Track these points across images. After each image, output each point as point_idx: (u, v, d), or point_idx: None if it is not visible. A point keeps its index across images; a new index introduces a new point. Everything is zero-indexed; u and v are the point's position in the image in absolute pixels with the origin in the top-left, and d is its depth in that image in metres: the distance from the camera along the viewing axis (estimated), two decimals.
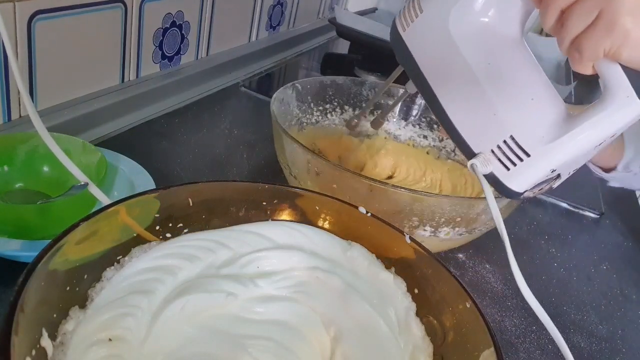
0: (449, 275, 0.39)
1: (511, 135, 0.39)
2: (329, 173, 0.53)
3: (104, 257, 0.37)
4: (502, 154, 0.39)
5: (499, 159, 0.40)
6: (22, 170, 0.53)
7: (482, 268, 0.62)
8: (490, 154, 0.40)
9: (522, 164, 0.39)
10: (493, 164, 0.40)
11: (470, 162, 0.41)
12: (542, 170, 0.39)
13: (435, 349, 0.38)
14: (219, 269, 0.41)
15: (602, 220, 0.80)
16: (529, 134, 0.39)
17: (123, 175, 0.56)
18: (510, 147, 0.39)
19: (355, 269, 0.43)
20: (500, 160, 0.40)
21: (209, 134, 0.78)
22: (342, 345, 0.38)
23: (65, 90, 0.70)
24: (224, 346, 0.36)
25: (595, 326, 0.57)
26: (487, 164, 0.40)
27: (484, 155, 0.40)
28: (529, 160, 0.39)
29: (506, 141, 0.39)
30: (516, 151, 0.39)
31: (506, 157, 0.39)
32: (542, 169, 0.39)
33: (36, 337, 0.30)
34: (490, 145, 0.40)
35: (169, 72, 0.87)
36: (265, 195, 0.45)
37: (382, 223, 0.43)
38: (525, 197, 0.42)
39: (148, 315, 0.36)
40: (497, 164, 0.40)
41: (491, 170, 0.40)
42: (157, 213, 0.40)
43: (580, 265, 0.67)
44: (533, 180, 0.40)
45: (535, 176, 0.39)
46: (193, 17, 0.89)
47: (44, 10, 0.62)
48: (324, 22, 1.36)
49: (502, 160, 0.40)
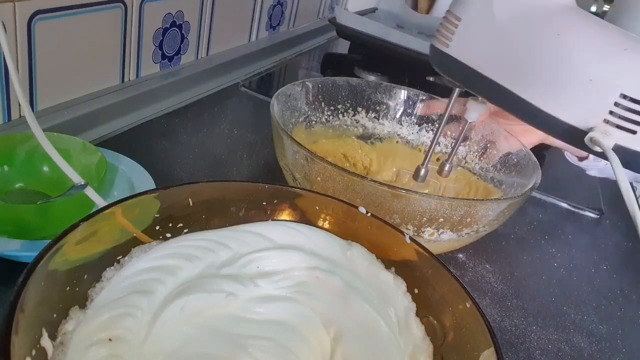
0: (449, 275, 0.39)
1: (621, 93, 0.34)
2: (325, 172, 0.53)
3: (104, 257, 0.37)
4: (620, 118, 0.34)
5: (617, 126, 0.35)
6: (22, 170, 0.53)
7: (482, 268, 0.62)
8: (605, 124, 0.35)
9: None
10: (614, 135, 0.35)
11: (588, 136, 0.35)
12: None
13: (435, 349, 0.38)
14: (219, 269, 0.41)
15: (602, 220, 0.80)
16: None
17: (123, 175, 0.56)
18: (627, 107, 0.34)
19: (355, 269, 0.43)
20: (620, 126, 0.35)
21: (209, 134, 0.78)
22: (342, 345, 0.38)
23: (65, 90, 0.70)
24: (224, 346, 0.36)
25: (595, 326, 0.57)
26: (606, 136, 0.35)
27: (599, 127, 0.35)
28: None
29: (618, 102, 0.34)
30: (635, 108, 0.34)
31: (626, 120, 0.34)
32: None
33: (36, 337, 0.30)
34: (601, 115, 0.35)
35: (169, 72, 0.87)
36: (265, 195, 0.45)
37: (382, 223, 0.43)
38: None
39: (148, 315, 0.36)
40: (618, 133, 0.34)
41: (614, 142, 0.35)
42: (157, 213, 0.40)
43: (580, 265, 0.67)
44: None
45: None
46: (193, 17, 0.89)
47: (44, 10, 0.62)
48: (324, 22, 1.36)
49: (622, 125, 0.34)
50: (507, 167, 0.68)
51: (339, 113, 0.75)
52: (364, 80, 0.76)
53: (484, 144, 0.71)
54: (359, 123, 0.76)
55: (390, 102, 0.76)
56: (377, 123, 0.76)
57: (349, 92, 0.74)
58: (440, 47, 0.41)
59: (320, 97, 0.72)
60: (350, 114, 0.75)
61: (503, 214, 0.55)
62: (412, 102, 0.75)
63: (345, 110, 0.75)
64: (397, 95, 0.76)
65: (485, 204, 0.53)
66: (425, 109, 0.75)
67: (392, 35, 1.05)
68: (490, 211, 0.53)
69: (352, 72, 1.12)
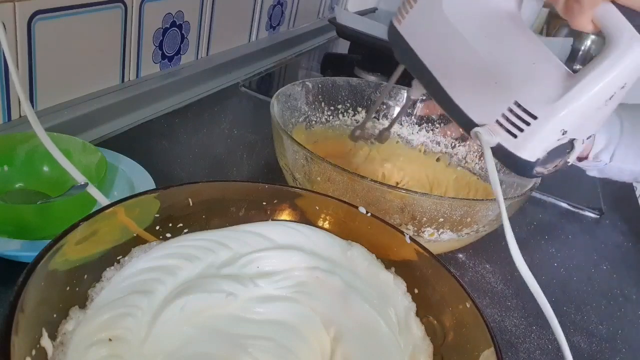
0: (449, 275, 0.39)
1: (515, 100, 0.37)
2: (325, 172, 0.53)
3: (104, 257, 0.37)
4: (508, 122, 0.38)
5: (505, 129, 0.38)
6: (22, 170, 0.53)
7: (482, 268, 0.62)
8: (496, 124, 0.38)
9: (529, 128, 0.37)
10: (500, 135, 0.38)
11: (474, 130, 0.39)
12: (552, 131, 0.37)
13: (435, 349, 0.38)
14: (219, 269, 0.41)
15: (602, 220, 0.80)
16: (534, 96, 0.37)
17: (123, 175, 0.56)
18: (516, 114, 0.37)
19: (355, 269, 0.43)
20: (507, 129, 0.38)
21: (209, 134, 0.78)
22: (342, 345, 0.38)
23: (65, 90, 0.70)
24: (224, 346, 0.36)
25: (595, 326, 0.57)
26: (493, 134, 0.38)
27: (490, 126, 0.39)
28: (537, 122, 0.37)
29: (511, 108, 0.38)
30: (522, 116, 0.37)
31: (512, 125, 0.38)
32: (551, 130, 0.37)
33: (36, 337, 0.30)
34: (494, 116, 0.38)
35: (169, 72, 0.87)
36: (265, 195, 0.45)
37: (382, 223, 0.43)
38: (539, 174, 0.40)
39: (148, 315, 0.36)
40: (503, 134, 0.38)
41: (498, 141, 0.38)
42: (157, 213, 0.40)
43: (580, 265, 0.67)
44: (544, 145, 0.38)
45: (545, 140, 0.37)
46: (193, 17, 0.89)
47: (44, 10, 0.62)
48: (324, 22, 1.36)
49: (508, 129, 0.38)
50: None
51: (339, 113, 0.75)
52: (364, 80, 0.76)
53: None
54: (358, 123, 0.76)
55: (390, 102, 0.76)
56: (377, 123, 0.76)
57: (349, 92, 0.74)
58: (395, 22, 0.45)
59: (320, 97, 0.72)
60: (350, 114, 0.75)
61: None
62: (412, 102, 0.75)
63: (345, 110, 0.75)
64: (396, 96, 0.76)
65: (485, 204, 0.53)
66: (425, 109, 0.75)
67: None
68: (490, 211, 0.53)
69: (352, 72, 1.12)
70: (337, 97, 0.74)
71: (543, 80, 0.38)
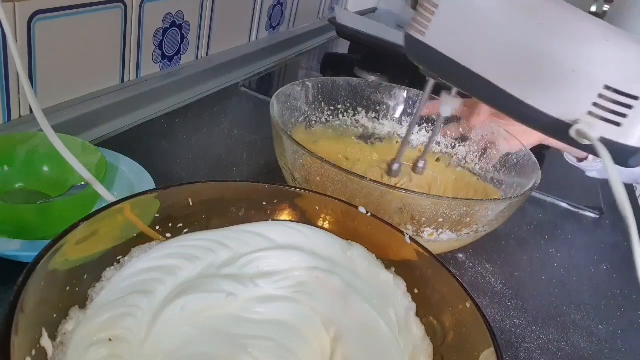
0: (449, 275, 0.39)
1: (605, 84, 0.33)
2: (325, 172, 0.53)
3: (104, 257, 0.37)
4: (604, 110, 0.34)
5: (602, 118, 0.34)
6: (22, 170, 0.53)
7: (482, 268, 0.62)
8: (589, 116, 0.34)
9: (633, 110, 0.33)
10: (598, 127, 0.34)
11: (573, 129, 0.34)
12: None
13: (435, 349, 0.38)
14: (219, 269, 0.41)
15: (602, 220, 0.80)
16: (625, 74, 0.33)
17: (123, 175, 0.56)
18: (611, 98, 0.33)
19: (355, 269, 0.43)
20: (605, 118, 0.34)
21: (209, 134, 0.78)
22: (342, 345, 0.38)
23: (65, 90, 0.70)
24: (224, 346, 0.36)
25: (595, 326, 0.57)
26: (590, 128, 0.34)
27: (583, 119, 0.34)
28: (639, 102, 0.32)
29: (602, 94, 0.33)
30: (619, 100, 0.33)
31: (610, 112, 0.33)
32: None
33: (36, 337, 0.30)
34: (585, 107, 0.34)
35: (169, 72, 0.87)
36: (265, 195, 0.45)
37: (382, 223, 0.43)
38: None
39: (148, 315, 0.36)
40: (602, 125, 0.34)
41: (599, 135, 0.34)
42: (157, 213, 0.40)
43: (580, 265, 0.67)
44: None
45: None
46: (193, 17, 0.89)
47: (44, 10, 0.62)
48: (324, 22, 1.36)
49: (606, 117, 0.33)
50: (507, 167, 0.68)
51: (339, 113, 0.75)
52: (364, 80, 0.76)
53: (484, 145, 0.71)
54: (359, 123, 0.76)
55: (390, 102, 0.76)
56: (377, 123, 0.76)
57: (349, 92, 0.74)
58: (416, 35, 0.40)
59: (320, 97, 0.72)
60: (350, 114, 0.75)
61: (503, 214, 0.55)
62: (412, 102, 0.75)
63: (345, 110, 0.75)
64: (397, 95, 0.76)
65: (485, 204, 0.53)
66: (425, 109, 0.75)
67: (392, 35, 1.05)
68: (489, 211, 0.53)
69: (352, 72, 1.12)
70: (337, 97, 0.74)
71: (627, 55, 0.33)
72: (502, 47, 0.36)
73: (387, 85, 0.75)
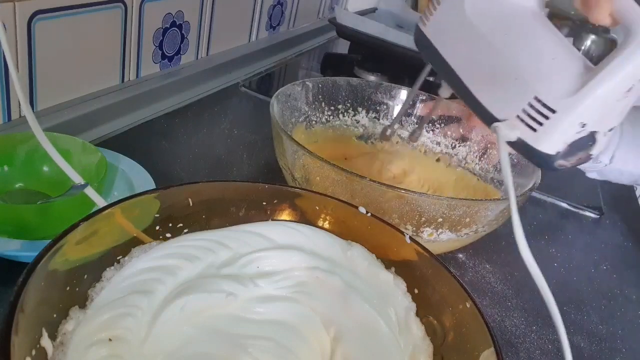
0: (449, 275, 0.39)
1: (535, 95, 0.38)
2: (325, 172, 0.53)
3: (104, 257, 0.37)
4: (528, 117, 0.39)
5: (525, 123, 0.39)
6: (22, 170, 0.53)
7: (482, 268, 0.62)
8: (516, 119, 0.39)
9: (548, 121, 0.38)
10: (520, 129, 0.39)
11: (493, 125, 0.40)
12: (571, 124, 0.38)
13: (435, 349, 0.38)
14: (219, 269, 0.41)
15: (602, 220, 0.80)
16: (553, 91, 0.38)
17: (123, 175, 0.56)
18: (536, 108, 0.38)
19: (355, 269, 0.43)
20: (527, 123, 0.39)
21: (209, 134, 0.78)
22: (342, 345, 0.38)
23: (65, 90, 0.70)
24: (224, 346, 0.36)
25: (595, 326, 0.57)
26: (513, 129, 0.39)
27: (510, 120, 0.40)
28: (556, 116, 0.38)
29: (531, 103, 0.38)
30: (541, 110, 0.38)
31: (532, 119, 0.39)
32: (570, 123, 0.38)
33: (36, 337, 0.30)
34: (515, 110, 0.39)
35: (169, 72, 0.87)
36: (265, 195, 0.45)
37: (382, 223, 0.43)
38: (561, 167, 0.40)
39: (148, 315, 0.36)
40: (523, 128, 0.39)
41: (518, 135, 0.39)
42: (157, 213, 0.40)
43: (580, 265, 0.67)
44: (563, 138, 0.38)
45: (564, 133, 0.38)
46: (193, 17, 0.89)
47: (44, 10, 0.62)
48: (324, 22, 1.36)
49: (528, 123, 0.39)
50: None
51: (339, 113, 0.75)
52: (364, 80, 0.76)
53: (484, 145, 0.71)
54: (359, 123, 0.76)
55: (390, 102, 0.76)
56: (377, 123, 0.76)
57: (349, 92, 0.74)
58: (420, 25, 0.47)
59: (321, 97, 0.72)
60: (350, 114, 0.75)
61: (502, 215, 0.55)
62: (412, 102, 0.75)
63: (345, 110, 0.75)
64: (397, 95, 0.76)
65: (484, 204, 0.53)
66: (425, 109, 0.75)
67: (392, 35, 1.05)
68: (489, 211, 0.53)
69: (352, 72, 1.12)
70: (337, 97, 0.74)
71: (562, 74, 0.38)
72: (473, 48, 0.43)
73: (387, 85, 0.75)
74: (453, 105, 0.73)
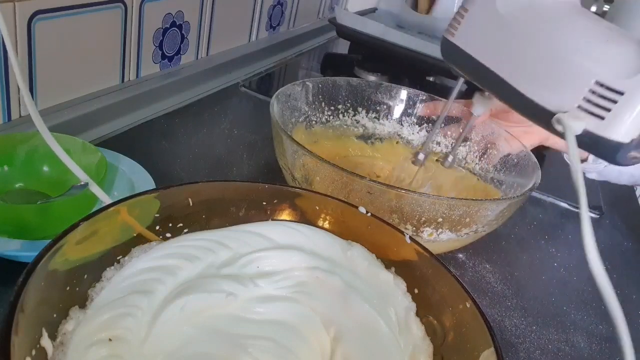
0: (449, 275, 0.39)
1: (596, 80, 0.36)
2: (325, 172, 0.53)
3: (104, 257, 0.37)
4: (592, 105, 0.36)
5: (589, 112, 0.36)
6: (22, 170, 0.53)
7: (482, 268, 0.62)
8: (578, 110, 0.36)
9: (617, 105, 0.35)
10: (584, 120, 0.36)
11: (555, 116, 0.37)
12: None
13: (435, 349, 0.38)
14: (219, 269, 0.41)
15: (602, 220, 0.80)
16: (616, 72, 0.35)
17: (123, 175, 0.56)
18: (600, 94, 0.36)
19: (355, 269, 0.43)
20: (592, 112, 0.36)
21: (209, 134, 0.78)
22: (342, 345, 0.38)
23: (65, 90, 0.70)
24: (224, 346, 0.36)
25: (595, 326, 0.57)
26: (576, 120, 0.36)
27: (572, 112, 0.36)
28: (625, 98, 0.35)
29: (592, 89, 0.36)
30: (607, 95, 0.35)
31: (597, 107, 0.36)
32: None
33: (36, 337, 0.30)
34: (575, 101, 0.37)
35: (169, 72, 0.87)
36: (265, 195, 0.45)
37: (382, 223, 0.43)
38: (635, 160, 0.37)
39: (148, 315, 0.36)
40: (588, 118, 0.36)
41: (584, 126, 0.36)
42: (157, 213, 0.40)
43: (580, 265, 0.67)
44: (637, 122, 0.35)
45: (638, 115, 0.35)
46: (193, 17, 0.89)
47: (44, 10, 0.62)
48: (324, 22, 1.36)
49: (593, 111, 0.36)
50: (507, 167, 0.68)
51: (339, 113, 0.75)
52: (364, 80, 0.76)
53: (484, 145, 0.71)
54: (359, 123, 0.76)
55: (390, 102, 0.76)
56: (377, 123, 0.76)
57: (349, 92, 0.74)
58: (447, 36, 0.46)
59: (321, 97, 0.72)
60: (350, 114, 0.75)
61: (502, 215, 0.55)
62: (412, 102, 0.75)
63: (345, 110, 0.75)
64: (397, 95, 0.76)
65: (484, 204, 0.53)
66: (425, 110, 0.75)
67: (392, 35, 1.05)
68: (489, 211, 0.53)
69: (352, 72, 1.12)
70: (337, 97, 0.74)
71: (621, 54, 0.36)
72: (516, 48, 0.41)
73: (387, 85, 0.75)
74: (453, 105, 0.73)
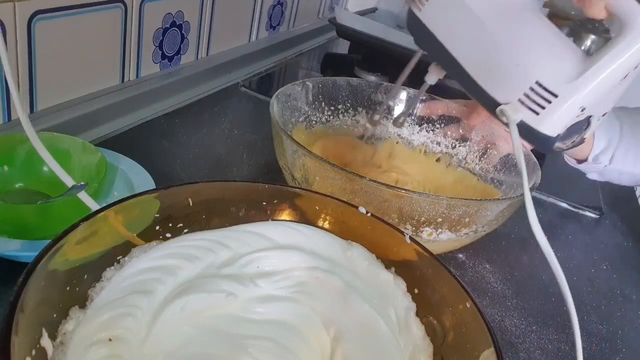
0: (449, 275, 0.39)
1: (537, 80, 0.40)
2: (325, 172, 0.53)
3: (104, 257, 0.37)
4: (530, 101, 0.41)
5: (527, 107, 0.41)
6: (22, 170, 0.53)
7: (482, 268, 0.62)
8: (518, 103, 0.42)
9: (550, 105, 0.40)
10: (522, 112, 0.41)
11: (499, 108, 0.42)
12: (572, 108, 0.40)
13: (435, 349, 0.38)
14: (219, 269, 0.41)
15: (602, 220, 0.80)
16: (554, 76, 0.40)
17: (123, 175, 0.56)
18: (538, 92, 0.41)
19: (355, 269, 0.43)
20: (529, 107, 0.41)
21: (209, 134, 0.78)
22: (342, 345, 0.38)
23: (65, 90, 0.70)
24: (224, 346, 0.36)
25: (595, 326, 0.57)
26: (516, 111, 0.41)
27: (512, 104, 0.42)
28: (557, 100, 0.40)
29: (532, 87, 0.41)
30: (543, 95, 0.40)
31: (534, 103, 0.41)
32: (571, 107, 0.40)
33: (36, 337, 0.30)
34: (516, 95, 0.42)
35: (169, 72, 0.87)
36: (265, 195, 0.45)
37: (382, 223, 0.43)
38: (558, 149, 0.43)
39: (148, 315, 0.36)
40: (526, 112, 0.41)
41: (521, 118, 0.41)
42: (157, 213, 0.40)
43: (580, 265, 0.67)
44: (564, 121, 0.41)
45: (565, 116, 0.40)
46: (193, 17, 0.89)
47: (44, 10, 0.62)
48: (324, 22, 1.36)
49: (530, 106, 0.41)
50: (507, 167, 0.68)
51: (339, 113, 0.75)
52: (364, 80, 0.76)
53: (484, 145, 0.71)
54: (359, 123, 0.76)
55: (390, 102, 0.76)
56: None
57: (349, 92, 0.74)
58: (414, 9, 0.47)
59: (321, 97, 0.72)
60: (350, 114, 0.75)
61: (502, 215, 0.55)
62: (412, 102, 0.75)
63: (345, 110, 0.75)
64: (397, 95, 0.75)
65: (484, 204, 0.53)
66: (425, 109, 0.75)
67: (392, 35, 1.05)
68: (488, 211, 0.53)
69: (352, 72, 1.12)
70: (337, 97, 0.74)
71: (562, 61, 0.41)
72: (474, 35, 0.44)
73: (387, 85, 0.75)
74: (453, 106, 0.73)
